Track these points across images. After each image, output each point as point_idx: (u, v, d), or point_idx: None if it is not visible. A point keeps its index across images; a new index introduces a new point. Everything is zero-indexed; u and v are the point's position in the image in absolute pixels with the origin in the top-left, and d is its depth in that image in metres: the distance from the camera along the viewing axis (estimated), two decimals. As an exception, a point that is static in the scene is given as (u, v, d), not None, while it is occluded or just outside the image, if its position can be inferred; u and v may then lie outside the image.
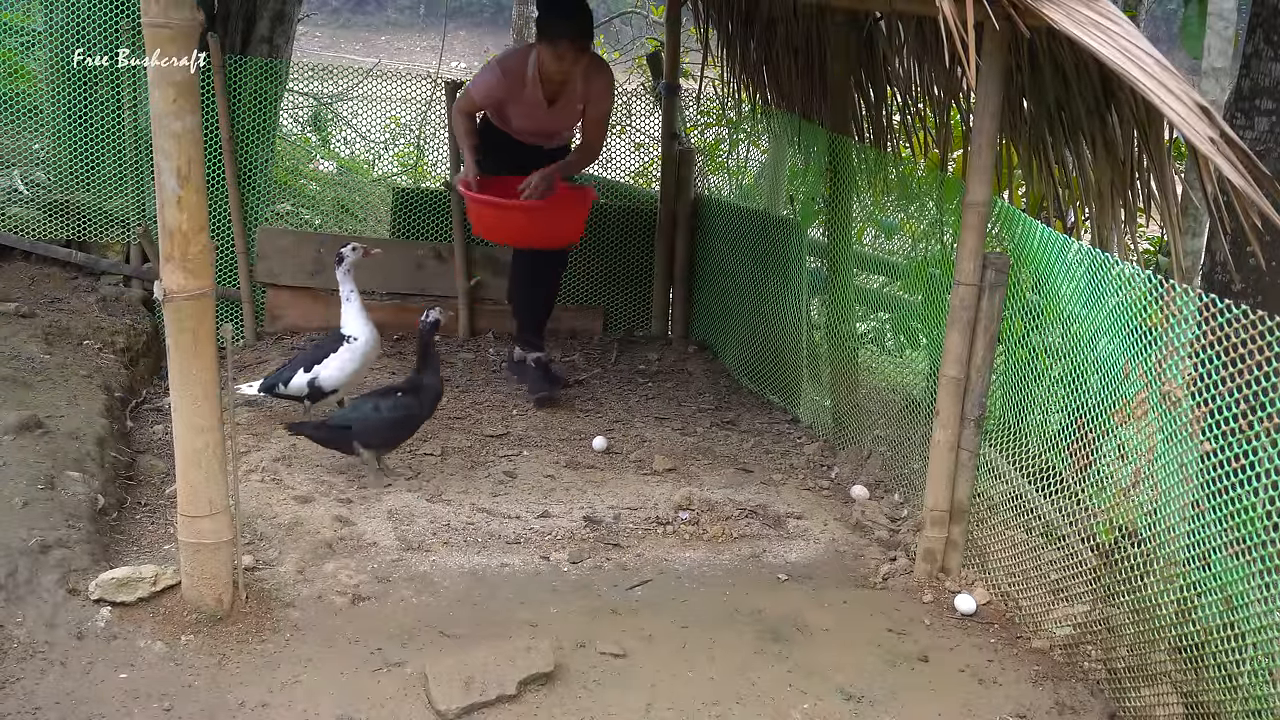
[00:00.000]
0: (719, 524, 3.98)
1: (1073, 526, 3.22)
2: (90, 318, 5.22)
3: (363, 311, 4.51)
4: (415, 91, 6.75)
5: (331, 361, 4.42)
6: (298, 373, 4.44)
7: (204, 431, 3.04)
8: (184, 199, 2.90)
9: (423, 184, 8.19)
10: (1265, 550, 2.48)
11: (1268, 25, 3.81)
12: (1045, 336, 3.38)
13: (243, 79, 5.58)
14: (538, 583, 3.53)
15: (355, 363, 4.45)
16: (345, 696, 2.80)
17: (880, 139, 5.10)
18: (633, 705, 2.82)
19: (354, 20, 28.68)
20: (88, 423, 4.12)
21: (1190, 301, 2.63)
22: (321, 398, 4.47)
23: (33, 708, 2.66)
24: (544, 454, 4.57)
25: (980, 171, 3.24)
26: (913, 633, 3.25)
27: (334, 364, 4.42)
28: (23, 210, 5.57)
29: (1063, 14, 2.81)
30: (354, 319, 4.49)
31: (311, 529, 3.68)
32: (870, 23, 4.87)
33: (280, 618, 3.16)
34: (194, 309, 2.96)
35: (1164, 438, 2.81)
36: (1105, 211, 3.69)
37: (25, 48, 5.85)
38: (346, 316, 4.50)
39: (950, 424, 3.40)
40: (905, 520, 4.08)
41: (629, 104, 7.13)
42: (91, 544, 3.34)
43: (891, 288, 5.40)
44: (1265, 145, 3.79)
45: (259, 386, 4.54)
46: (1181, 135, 2.67)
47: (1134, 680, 2.96)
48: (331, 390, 4.45)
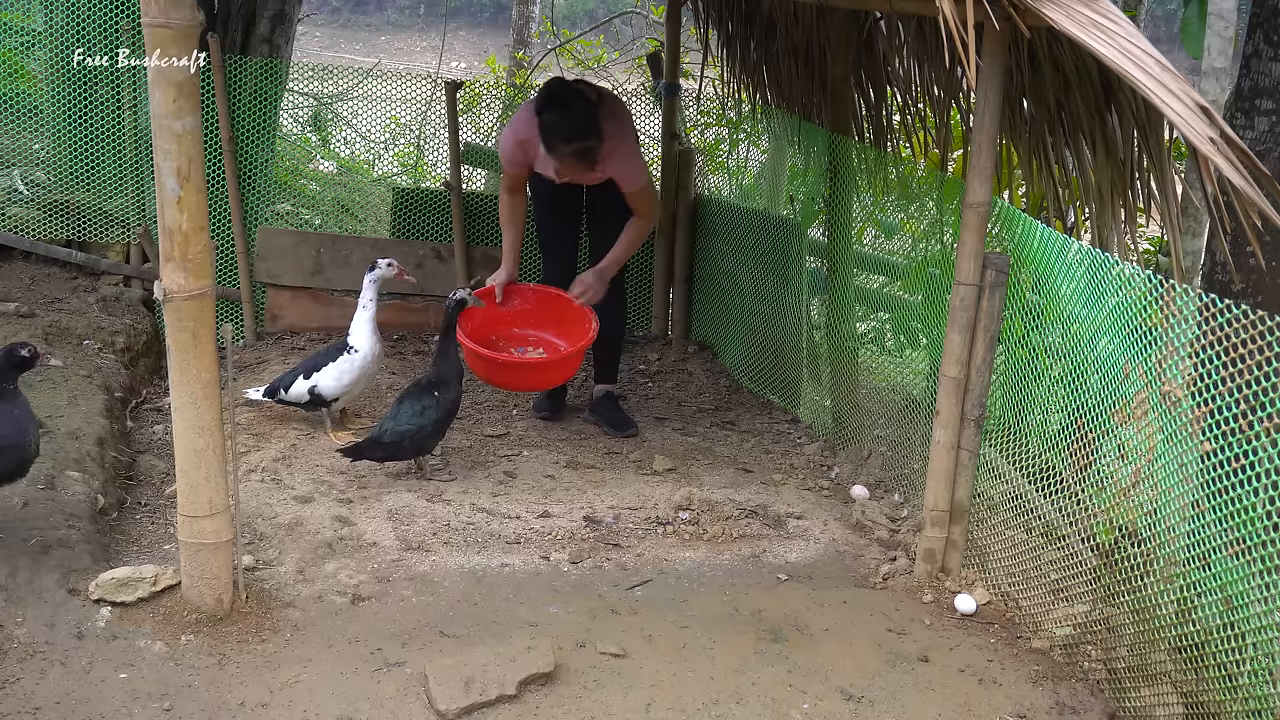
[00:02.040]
0: (719, 524, 3.98)
1: (1073, 526, 3.22)
2: (90, 318, 5.22)
3: (372, 324, 4.48)
4: (415, 91, 6.75)
5: (329, 371, 4.42)
6: (298, 379, 4.44)
7: (204, 431, 3.04)
8: (184, 199, 2.90)
9: (423, 184, 8.19)
10: (1265, 550, 2.48)
11: (1268, 25, 3.81)
12: (1045, 336, 3.37)
13: (243, 79, 5.58)
14: (538, 583, 3.53)
15: (352, 374, 4.44)
16: (345, 696, 2.80)
17: (880, 139, 5.10)
18: (633, 705, 2.82)
19: (354, 20, 28.68)
20: (88, 423, 4.12)
21: (1190, 301, 2.63)
22: (322, 405, 4.47)
23: (33, 708, 2.66)
24: (544, 454, 4.57)
25: (980, 171, 3.24)
26: (913, 633, 3.25)
27: (331, 374, 4.42)
28: (23, 210, 5.58)
29: (1063, 14, 2.81)
30: (360, 329, 4.47)
31: (311, 529, 3.68)
32: (870, 23, 4.87)
33: (280, 618, 3.16)
34: (194, 309, 2.96)
35: (1164, 438, 2.81)
36: (1105, 211, 3.69)
37: (25, 48, 5.85)
38: (355, 325, 4.49)
39: (950, 424, 3.40)
40: (905, 520, 4.08)
41: (629, 104, 7.13)
42: (91, 544, 3.34)
43: (891, 288, 5.40)
44: (1265, 145, 3.79)
45: (263, 391, 4.54)
46: (1181, 135, 2.67)
47: (1134, 680, 2.96)
48: (332, 399, 4.45)
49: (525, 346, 4.75)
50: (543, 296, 4.76)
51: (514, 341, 4.76)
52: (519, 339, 4.78)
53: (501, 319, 4.73)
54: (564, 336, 4.66)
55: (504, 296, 4.70)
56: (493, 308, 4.67)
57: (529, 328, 4.77)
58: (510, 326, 4.76)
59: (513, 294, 4.75)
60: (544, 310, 4.75)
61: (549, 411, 4.97)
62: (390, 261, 4.52)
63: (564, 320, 4.69)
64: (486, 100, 7.81)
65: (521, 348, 4.73)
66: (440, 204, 5.91)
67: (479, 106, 7.69)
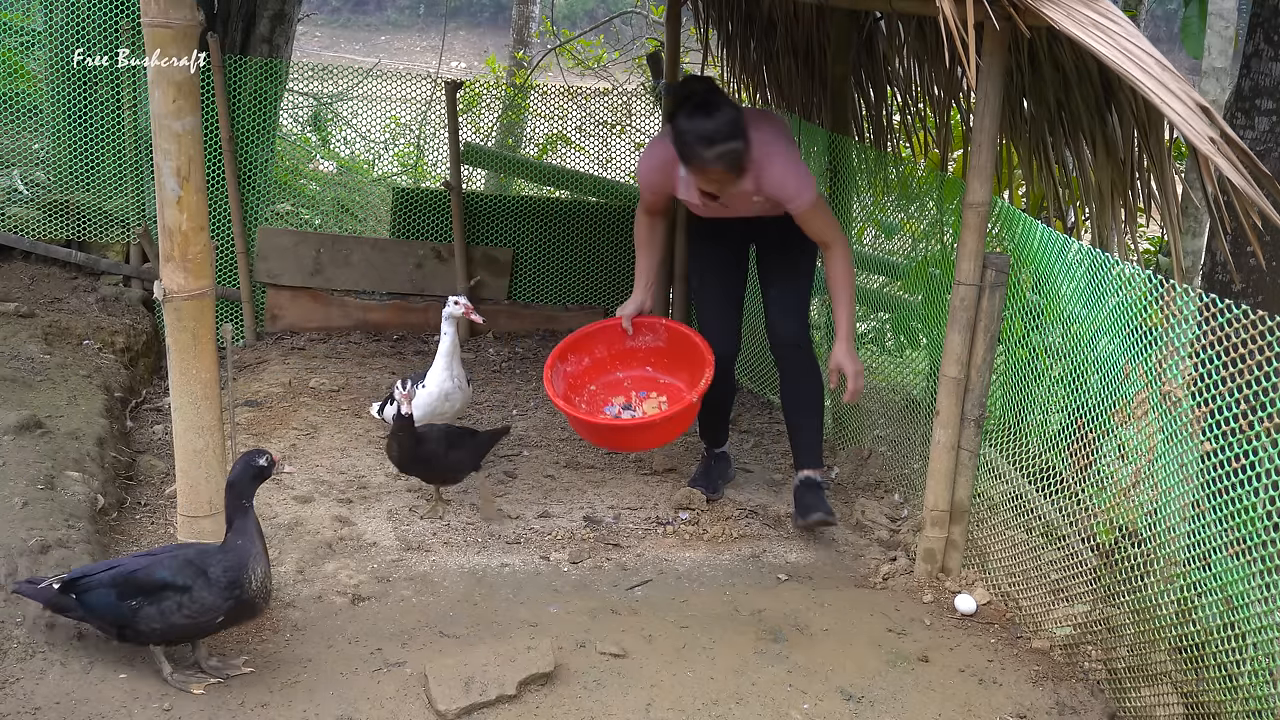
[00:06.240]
0: (719, 524, 3.98)
1: (1073, 526, 3.22)
2: (90, 318, 5.22)
3: (447, 358, 4.13)
4: (415, 91, 6.76)
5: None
6: (386, 405, 4.30)
7: (204, 431, 3.04)
8: (184, 199, 2.90)
9: (423, 184, 8.20)
10: (1265, 550, 2.48)
11: (1268, 25, 3.81)
12: (1045, 336, 3.37)
13: (243, 79, 5.58)
14: (538, 583, 3.53)
15: (419, 410, 4.06)
16: (345, 696, 2.80)
17: (880, 139, 5.11)
18: (633, 705, 2.82)
19: (354, 20, 28.66)
20: (88, 423, 4.12)
21: (1190, 301, 2.63)
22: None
23: (32, 708, 2.66)
24: (544, 454, 4.57)
25: (980, 171, 3.24)
26: (913, 633, 3.25)
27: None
28: (23, 210, 5.57)
29: (1063, 14, 2.81)
30: (435, 364, 4.18)
31: (311, 529, 3.68)
32: (870, 23, 4.87)
33: (280, 618, 3.16)
34: (194, 309, 2.96)
35: (1164, 438, 2.81)
36: (1105, 211, 3.69)
37: (25, 48, 5.85)
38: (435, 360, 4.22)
39: (950, 424, 3.40)
40: (905, 520, 4.08)
41: (629, 104, 7.14)
42: (91, 544, 3.33)
43: (891, 288, 5.39)
44: (1265, 145, 3.79)
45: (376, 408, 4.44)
46: (1182, 135, 2.67)
47: (1134, 680, 2.96)
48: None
49: (649, 391, 4.15)
50: (674, 334, 4.10)
51: (641, 384, 4.17)
52: (645, 381, 4.17)
53: (631, 356, 4.14)
54: (692, 385, 3.99)
55: (634, 330, 4.09)
56: (620, 343, 4.09)
57: (659, 369, 4.16)
58: (643, 365, 4.15)
59: (643, 328, 4.12)
60: (676, 350, 4.10)
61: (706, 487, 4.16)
62: (459, 300, 4.17)
63: (693, 364, 4.01)
64: (486, 100, 7.83)
65: (643, 391, 4.15)
66: (440, 204, 5.91)
67: (479, 106, 7.71)
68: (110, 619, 2.74)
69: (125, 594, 2.71)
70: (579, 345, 4.08)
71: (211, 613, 2.73)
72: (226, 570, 2.74)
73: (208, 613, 2.73)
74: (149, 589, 2.71)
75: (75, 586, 2.75)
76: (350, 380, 5.16)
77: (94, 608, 2.74)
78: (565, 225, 6.09)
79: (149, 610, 2.71)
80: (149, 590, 2.71)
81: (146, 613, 2.71)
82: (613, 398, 4.14)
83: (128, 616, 2.71)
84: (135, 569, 2.75)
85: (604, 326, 4.12)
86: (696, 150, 3.53)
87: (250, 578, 2.76)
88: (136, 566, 2.76)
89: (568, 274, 6.12)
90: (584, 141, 7.41)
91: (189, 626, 2.74)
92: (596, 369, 4.13)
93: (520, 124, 8.54)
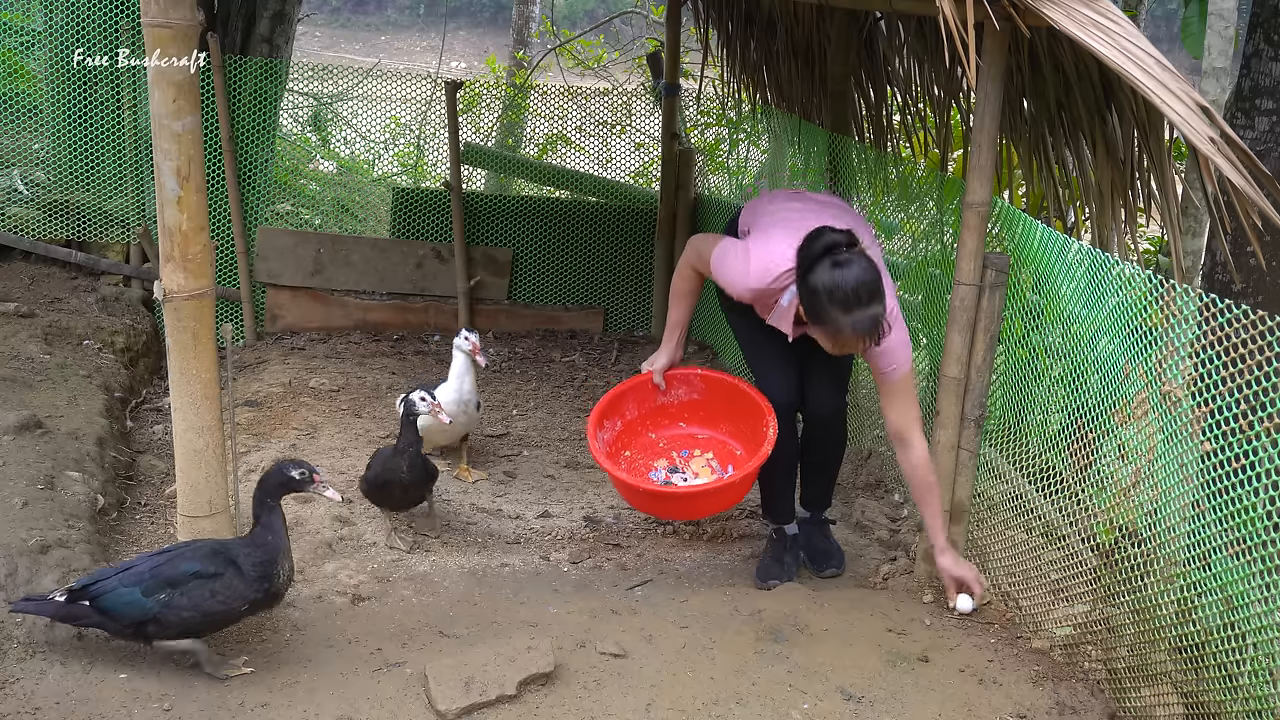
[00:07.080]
0: (719, 524, 3.97)
1: (1073, 526, 3.21)
2: (90, 318, 5.22)
3: (458, 380, 4.18)
4: (415, 91, 6.76)
5: None
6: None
7: (204, 431, 3.04)
8: (184, 199, 2.90)
9: (423, 184, 8.20)
10: (1265, 550, 2.48)
11: (1268, 25, 3.81)
12: (1045, 336, 3.37)
13: (243, 79, 5.58)
14: (538, 583, 3.53)
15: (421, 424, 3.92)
16: (345, 696, 2.80)
17: (880, 139, 5.10)
18: (633, 705, 2.81)
19: (354, 20, 28.67)
20: (88, 423, 4.12)
21: (1190, 301, 2.63)
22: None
23: (32, 708, 2.66)
24: (544, 454, 4.57)
25: (980, 171, 3.24)
26: (913, 633, 3.25)
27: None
28: (23, 210, 5.58)
29: (1063, 14, 2.81)
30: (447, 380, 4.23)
31: (311, 529, 3.68)
32: (870, 23, 4.87)
33: (280, 618, 3.16)
34: (194, 309, 2.96)
35: (1164, 438, 2.81)
36: (1105, 211, 3.68)
37: (25, 48, 5.85)
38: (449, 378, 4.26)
39: (950, 424, 3.40)
40: (905, 520, 4.08)
41: (629, 104, 7.14)
42: (91, 544, 3.34)
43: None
44: (1265, 145, 3.79)
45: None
46: (1182, 135, 2.67)
47: (1134, 680, 2.96)
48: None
49: (691, 450, 3.85)
50: (713, 384, 3.81)
51: (679, 443, 3.86)
52: (684, 440, 3.86)
53: (662, 414, 3.85)
54: (739, 437, 3.75)
55: (667, 384, 3.80)
56: (651, 401, 3.84)
57: (697, 424, 3.85)
58: (676, 421, 3.86)
59: (677, 381, 3.83)
60: (716, 401, 3.80)
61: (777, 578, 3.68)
62: (469, 335, 4.21)
63: (739, 416, 3.72)
64: (486, 100, 7.83)
65: (686, 450, 3.85)
66: (440, 204, 5.92)
67: (479, 106, 7.71)
68: (132, 618, 2.78)
69: (152, 590, 2.76)
70: (612, 409, 3.78)
71: (240, 600, 2.81)
72: (258, 563, 2.83)
73: (238, 599, 2.81)
74: (177, 581, 2.78)
75: (87, 593, 2.79)
76: (350, 380, 5.16)
77: (112, 610, 2.77)
78: (565, 225, 6.10)
79: (179, 601, 2.77)
80: (177, 582, 2.78)
81: (176, 603, 2.77)
82: (654, 461, 3.81)
83: (154, 612, 2.76)
84: (158, 564, 2.82)
85: (634, 385, 3.82)
86: (832, 315, 3.08)
87: (279, 571, 2.87)
88: (157, 563, 2.82)
89: (567, 274, 6.13)
90: (584, 141, 7.42)
91: (221, 614, 2.81)
92: (629, 433, 3.84)
93: (520, 124, 8.55)
